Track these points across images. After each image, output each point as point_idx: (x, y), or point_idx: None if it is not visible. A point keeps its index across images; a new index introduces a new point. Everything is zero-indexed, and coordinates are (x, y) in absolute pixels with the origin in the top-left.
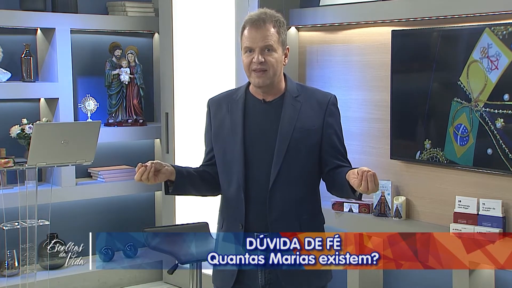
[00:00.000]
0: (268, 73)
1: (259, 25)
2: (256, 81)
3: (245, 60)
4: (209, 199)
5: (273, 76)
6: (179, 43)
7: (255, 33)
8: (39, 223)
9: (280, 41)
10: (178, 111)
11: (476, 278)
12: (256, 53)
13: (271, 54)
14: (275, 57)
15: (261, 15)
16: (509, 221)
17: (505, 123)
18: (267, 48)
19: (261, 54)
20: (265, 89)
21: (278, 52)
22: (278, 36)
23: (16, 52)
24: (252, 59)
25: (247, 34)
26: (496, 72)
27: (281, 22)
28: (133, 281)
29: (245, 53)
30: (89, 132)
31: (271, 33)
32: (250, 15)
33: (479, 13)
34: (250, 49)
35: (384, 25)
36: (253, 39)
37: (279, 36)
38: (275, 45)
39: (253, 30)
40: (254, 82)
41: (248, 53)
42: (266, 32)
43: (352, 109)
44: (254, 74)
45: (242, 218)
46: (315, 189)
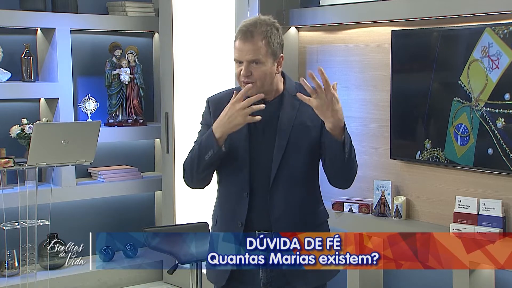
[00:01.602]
0: (255, 85)
1: (246, 38)
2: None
3: (236, 70)
4: (208, 199)
5: (261, 88)
6: (179, 43)
7: (242, 46)
8: (39, 223)
9: (270, 53)
10: (178, 111)
11: (476, 278)
12: (244, 66)
13: (259, 67)
14: (263, 70)
15: (250, 27)
16: (509, 221)
17: (506, 122)
18: (255, 61)
19: (248, 67)
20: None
21: (266, 65)
22: (266, 49)
23: (16, 52)
24: (240, 71)
25: (236, 46)
26: (497, 71)
27: (273, 31)
28: (133, 281)
29: (235, 63)
30: (89, 132)
31: (258, 47)
32: (243, 23)
33: (478, 13)
34: (238, 61)
35: (384, 25)
36: (241, 51)
37: (268, 48)
38: (263, 59)
39: (241, 42)
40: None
41: (237, 63)
42: (253, 46)
43: (352, 109)
44: (243, 85)
45: (243, 217)
46: (316, 185)
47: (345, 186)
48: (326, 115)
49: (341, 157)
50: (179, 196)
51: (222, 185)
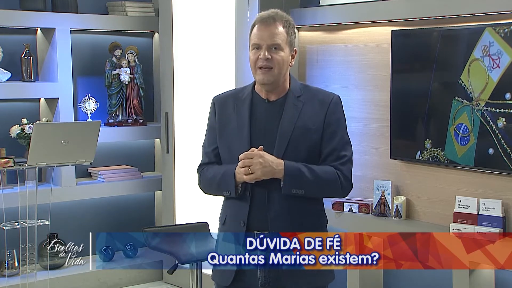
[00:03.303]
0: (273, 71)
1: (268, 23)
2: (261, 78)
3: (252, 56)
4: (208, 199)
5: (278, 75)
6: (179, 43)
7: (264, 30)
8: (39, 223)
9: (288, 41)
10: (178, 111)
11: (476, 278)
12: (263, 50)
13: (277, 53)
14: (282, 55)
15: (271, 14)
16: (509, 221)
17: (507, 122)
18: (275, 46)
19: (268, 51)
20: (269, 87)
21: (285, 52)
22: (286, 36)
23: (16, 52)
24: (259, 56)
25: (256, 31)
26: (497, 70)
27: (291, 23)
28: (133, 281)
29: (252, 49)
30: (89, 132)
31: (280, 32)
32: (261, 13)
33: (478, 13)
34: (258, 46)
35: (384, 25)
36: (261, 36)
37: (287, 36)
38: (283, 44)
39: (262, 27)
40: (259, 78)
41: (255, 49)
42: (275, 30)
43: (352, 109)
44: (259, 71)
45: (244, 216)
46: None
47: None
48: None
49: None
50: (179, 196)
51: None
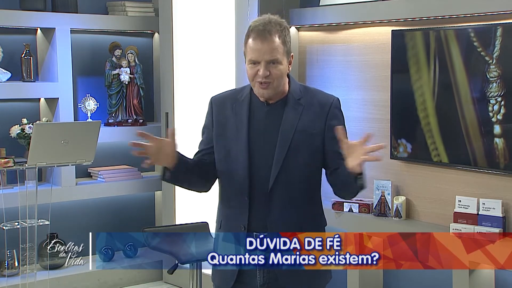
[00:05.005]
0: (272, 85)
1: (264, 37)
2: (260, 92)
3: (250, 71)
4: (208, 199)
5: (277, 88)
6: (179, 43)
7: (260, 46)
8: (39, 223)
9: (286, 52)
10: (178, 111)
11: (476, 278)
12: (262, 67)
13: (276, 67)
14: (280, 69)
15: (266, 26)
16: (509, 221)
17: (507, 122)
18: (273, 61)
19: (266, 68)
20: (269, 97)
21: (283, 63)
22: (283, 47)
23: (16, 52)
24: (257, 72)
25: (252, 46)
26: (497, 70)
27: (286, 29)
28: (133, 281)
29: (249, 64)
30: (89, 132)
31: (277, 46)
32: (255, 23)
33: (478, 13)
34: (255, 62)
35: (384, 25)
36: (259, 52)
37: (284, 46)
38: (281, 57)
39: (258, 42)
40: (258, 93)
41: (252, 64)
42: (272, 44)
43: (352, 109)
44: (259, 85)
45: (245, 220)
46: (316, 192)
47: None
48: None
49: (354, 186)
50: (179, 196)
51: (223, 188)
